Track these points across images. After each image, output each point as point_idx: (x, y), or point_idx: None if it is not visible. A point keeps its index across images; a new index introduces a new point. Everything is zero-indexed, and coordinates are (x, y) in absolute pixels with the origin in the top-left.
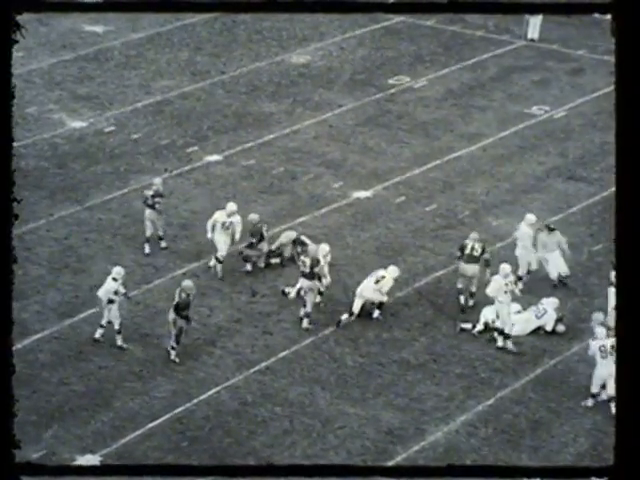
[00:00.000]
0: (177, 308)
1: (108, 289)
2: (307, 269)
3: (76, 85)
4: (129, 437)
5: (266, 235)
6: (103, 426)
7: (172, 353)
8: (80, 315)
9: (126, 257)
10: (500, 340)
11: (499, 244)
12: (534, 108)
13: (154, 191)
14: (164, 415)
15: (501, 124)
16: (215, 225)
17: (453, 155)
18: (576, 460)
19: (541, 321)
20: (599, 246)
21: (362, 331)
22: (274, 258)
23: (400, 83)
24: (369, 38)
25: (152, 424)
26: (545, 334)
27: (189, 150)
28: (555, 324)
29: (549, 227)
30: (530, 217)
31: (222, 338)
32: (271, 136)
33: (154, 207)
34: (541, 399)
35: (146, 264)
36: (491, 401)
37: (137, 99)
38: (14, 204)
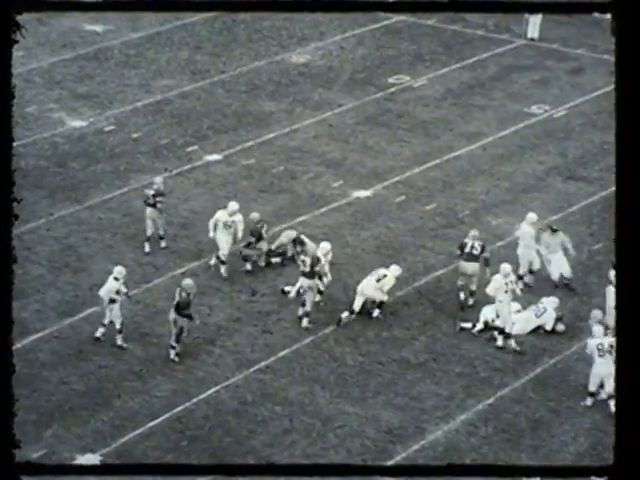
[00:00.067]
0: (178, 307)
1: (110, 289)
2: (307, 268)
3: (76, 84)
4: (129, 436)
5: (265, 235)
6: (103, 425)
7: (172, 352)
8: (80, 314)
9: (126, 256)
10: (500, 339)
11: (499, 243)
12: (534, 107)
13: (155, 190)
14: (164, 414)
15: (501, 123)
16: (217, 224)
17: (453, 154)
18: (576, 459)
19: (541, 320)
20: (599, 245)
21: (362, 330)
22: (275, 257)
23: (400, 82)
24: (369, 37)
25: (152, 423)
26: (545, 333)
27: (189, 149)
28: (555, 323)
29: (552, 228)
30: (531, 216)
31: (222, 337)
32: (271, 135)
33: (155, 206)
34: (541, 398)
35: (146, 263)
36: (491, 400)
37: (137, 98)
38: (14, 204)
